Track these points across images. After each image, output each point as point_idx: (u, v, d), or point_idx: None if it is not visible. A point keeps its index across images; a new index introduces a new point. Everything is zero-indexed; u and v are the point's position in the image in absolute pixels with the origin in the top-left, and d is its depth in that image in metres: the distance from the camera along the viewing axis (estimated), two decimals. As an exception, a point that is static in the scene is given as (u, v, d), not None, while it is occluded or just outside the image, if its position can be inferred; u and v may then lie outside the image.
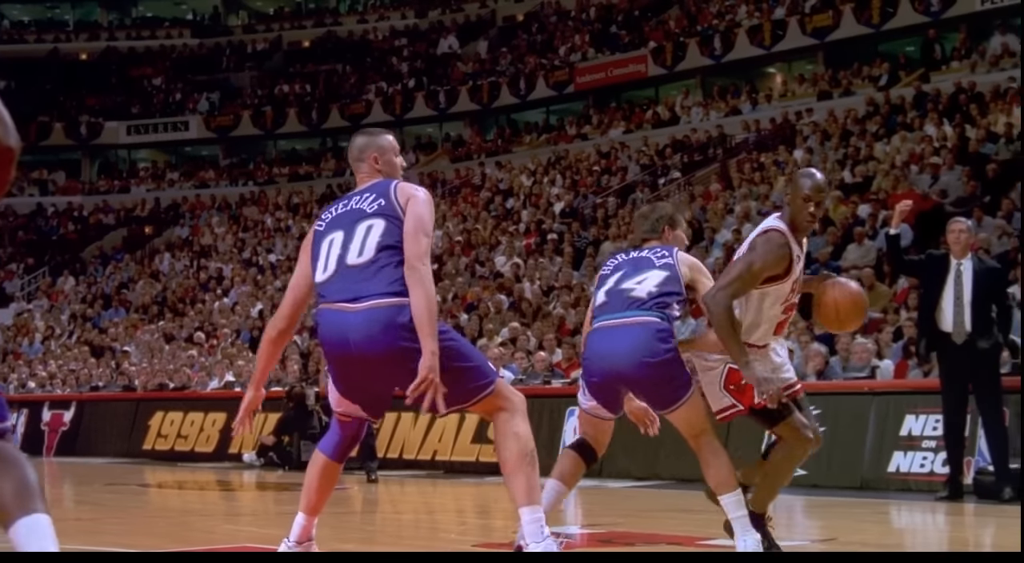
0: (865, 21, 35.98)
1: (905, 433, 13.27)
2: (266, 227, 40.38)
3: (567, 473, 7.44)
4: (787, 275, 6.97)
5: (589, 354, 7.15)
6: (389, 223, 6.21)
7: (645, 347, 6.80)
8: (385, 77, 48.50)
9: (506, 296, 25.31)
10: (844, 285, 7.27)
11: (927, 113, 27.66)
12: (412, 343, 5.99)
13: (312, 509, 6.67)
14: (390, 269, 6.10)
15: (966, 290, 11.91)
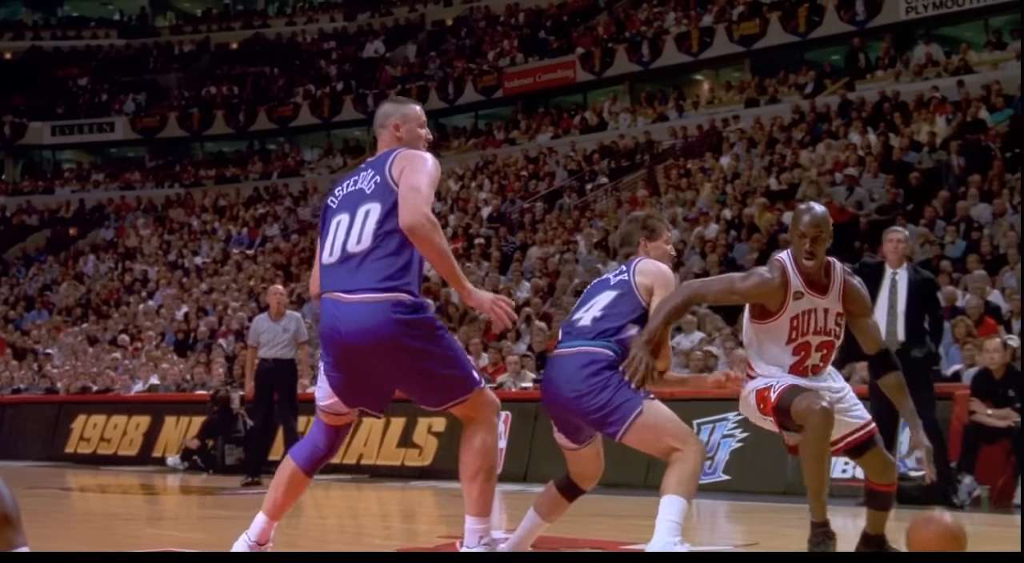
0: (792, 29, 36.24)
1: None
2: (192, 229, 40.16)
3: (545, 508, 7.25)
4: (779, 312, 6.72)
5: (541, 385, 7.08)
6: (384, 205, 6.15)
7: (573, 378, 6.62)
8: (313, 80, 48.36)
9: (432, 300, 25.28)
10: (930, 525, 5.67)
11: (852, 121, 27.90)
12: (402, 338, 6.02)
13: (275, 513, 6.59)
14: (385, 259, 6.09)
15: (900, 299, 11.95)
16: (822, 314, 6.76)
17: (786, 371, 6.75)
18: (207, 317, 29.26)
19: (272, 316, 15.77)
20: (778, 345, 6.77)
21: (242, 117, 48.30)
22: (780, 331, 6.75)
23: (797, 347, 6.75)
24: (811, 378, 6.76)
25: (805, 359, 6.77)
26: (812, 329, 6.74)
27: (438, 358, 6.12)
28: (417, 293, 6.17)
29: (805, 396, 6.56)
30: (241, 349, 22.06)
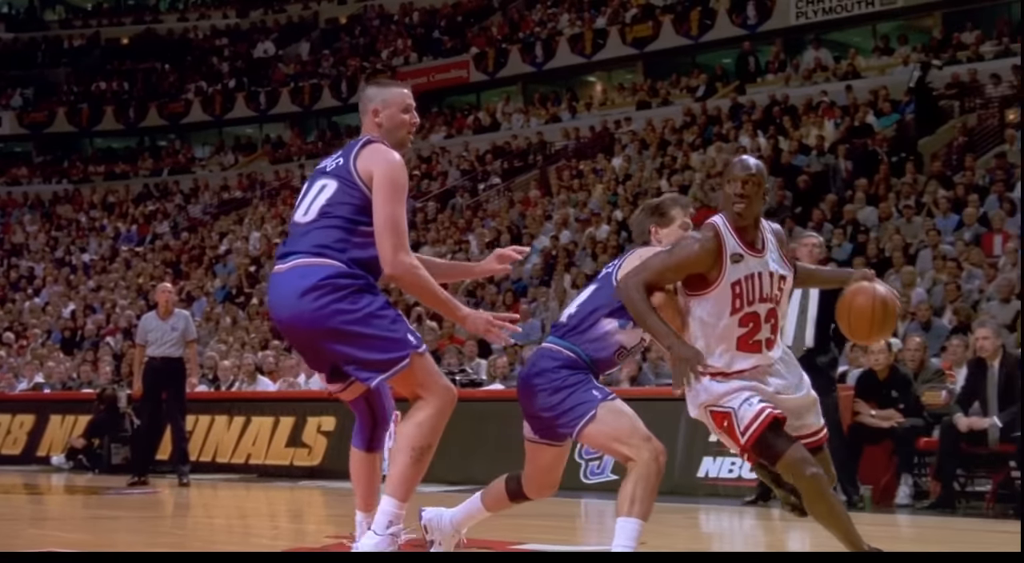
0: (684, 33, 36.50)
1: (714, 439, 13.46)
2: (80, 226, 39.71)
3: (489, 498, 7.02)
4: (718, 279, 6.06)
5: None
6: (340, 184, 6.07)
7: (531, 376, 6.49)
8: (205, 77, 47.96)
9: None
10: (867, 291, 6.29)
11: (742, 124, 28.17)
12: (313, 304, 5.86)
13: (367, 505, 6.44)
14: (324, 230, 5.98)
15: (812, 305, 12.00)
16: (767, 279, 6.12)
17: (735, 349, 6.08)
18: (95, 315, 28.95)
19: (161, 314, 15.62)
20: (722, 319, 6.08)
21: (132, 113, 47.77)
22: (722, 302, 6.08)
23: (744, 318, 6.07)
24: (764, 357, 6.13)
25: (755, 332, 6.11)
26: (758, 296, 6.10)
27: (357, 319, 5.88)
28: (352, 266, 5.95)
29: (795, 448, 6.05)
30: (129, 347, 21.85)
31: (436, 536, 7.05)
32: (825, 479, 6.04)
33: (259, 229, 33.05)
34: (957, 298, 16.95)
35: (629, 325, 6.39)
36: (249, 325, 24.94)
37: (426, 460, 6.02)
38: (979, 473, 12.72)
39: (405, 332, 5.97)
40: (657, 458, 6.25)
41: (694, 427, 13.67)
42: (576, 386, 6.36)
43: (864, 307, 6.26)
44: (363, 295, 5.93)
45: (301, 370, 18.81)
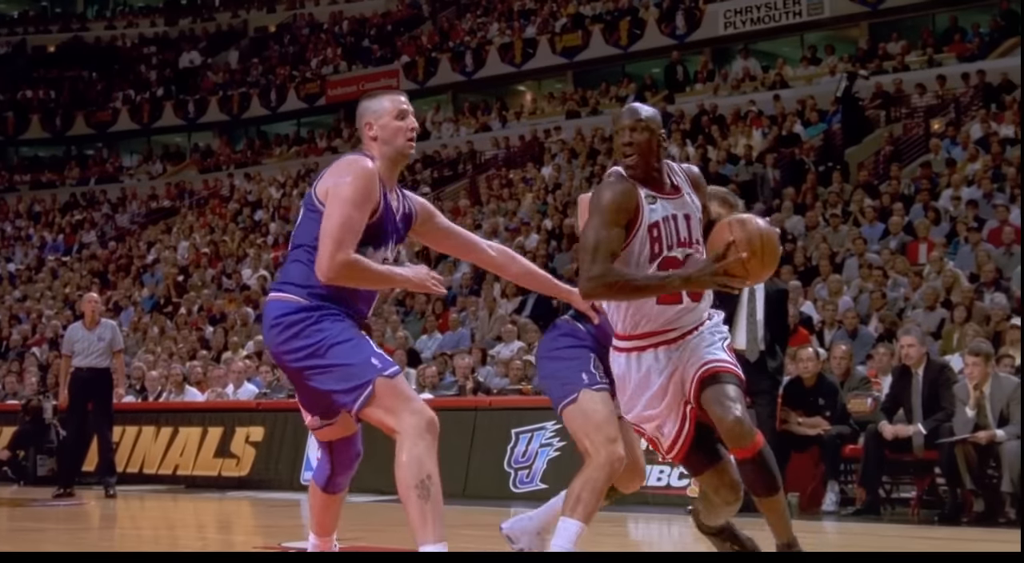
0: (613, 42, 36.64)
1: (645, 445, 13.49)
2: (6, 235, 39.33)
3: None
4: (636, 224, 5.72)
5: None
6: (305, 211, 5.87)
7: (542, 344, 6.62)
8: (133, 85, 47.67)
9: (252, 309, 25.06)
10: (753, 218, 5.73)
11: (671, 133, 28.27)
12: (275, 340, 5.76)
13: (323, 530, 6.35)
14: (291, 264, 5.84)
15: (759, 309, 12.09)
16: (683, 221, 5.77)
17: (654, 300, 5.70)
18: (20, 325, 28.66)
19: (87, 324, 15.50)
20: (641, 269, 5.68)
21: (59, 121, 47.40)
22: (640, 249, 5.73)
23: (663, 263, 5.70)
24: (686, 311, 5.77)
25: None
26: (676, 239, 5.73)
27: (312, 352, 5.68)
28: (312, 298, 5.74)
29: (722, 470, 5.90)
30: (55, 358, 21.65)
31: (523, 542, 6.88)
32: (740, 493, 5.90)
33: (187, 238, 32.86)
34: (883, 306, 17.09)
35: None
36: (177, 335, 24.78)
37: (435, 489, 5.59)
38: (904, 480, 12.85)
39: (368, 357, 5.68)
40: (611, 463, 6.15)
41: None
42: (571, 366, 6.34)
43: (771, 232, 5.68)
44: (318, 326, 5.71)
45: (229, 380, 18.73)
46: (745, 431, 5.63)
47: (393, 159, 5.94)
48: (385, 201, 5.84)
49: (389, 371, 5.64)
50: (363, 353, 5.68)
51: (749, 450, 5.63)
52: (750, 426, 5.65)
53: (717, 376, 5.76)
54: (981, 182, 20.69)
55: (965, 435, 11.49)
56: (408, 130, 5.91)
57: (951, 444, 11.51)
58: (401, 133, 5.90)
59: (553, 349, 6.46)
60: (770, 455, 5.69)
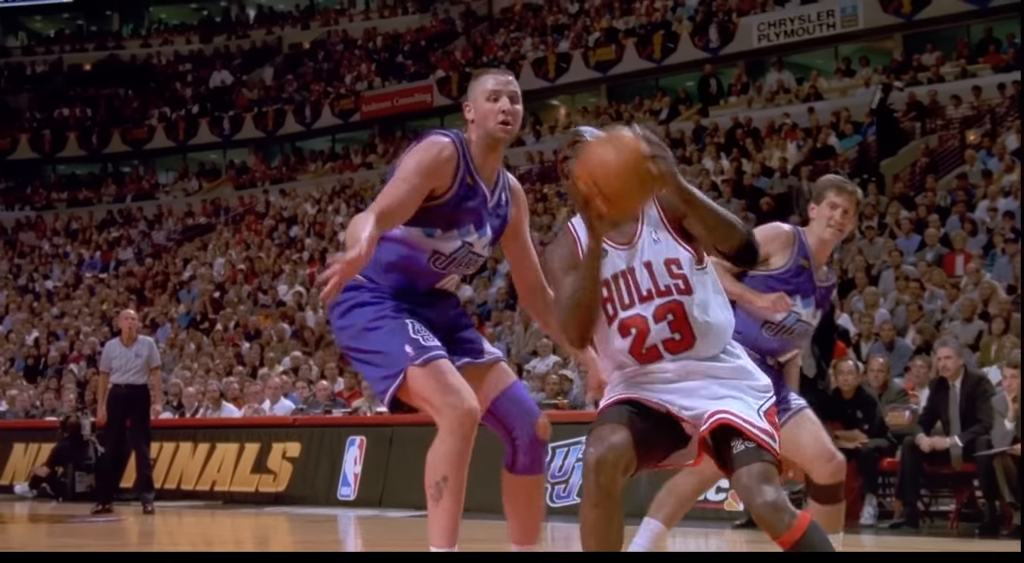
0: (647, 56, 36.62)
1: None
2: (43, 253, 39.53)
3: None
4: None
5: None
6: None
7: None
8: (168, 102, 47.89)
9: (288, 324, 25.15)
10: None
11: (706, 147, 28.26)
12: (330, 317, 5.70)
13: (517, 537, 5.91)
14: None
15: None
16: (644, 272, 4.96)
17: (628, 365, 4.98)
18: (58, 342, 28.81)
19: (124, 341, 15.55)
20: (601, 330, 5.03)
21: (95, 139, 47.65)
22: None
23: (621, 326, 4.96)
24: (673, 361, 4.95)
25: (641, 340, 4.94)
26: (636, 297, 4.96)
27: (351, 335, 5.56)
28: (368, 279, 5.58)
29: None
30: (93, 375, 21.76)
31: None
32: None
33: (223, 255, 32.98)
34: (919, 318, 17.04)
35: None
36: (214, 351, 24.86)
37: (450, 495, 5.35)
38: (942, 493, 12.79)
39: (402, 344, 5.42)
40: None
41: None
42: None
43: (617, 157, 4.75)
44: (361, 309, 5.55)
45: (265, 396, 18.77)
46: (782, 518, 4.72)
47: (486, 142, 5.62)
48: (462, 184, 5.56)
49: (423, 358, 5.39)
50: (399, 339, 5.45)
51: (787, 540, 4.71)
52: (789, 510, 4.72)
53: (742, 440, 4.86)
54: (1017, 193, 20.60)
55: (1004, 447, 11.44)
56: (499, 113, 5.57)
57: (989, 456, 11.46)
58: (492, 115, 5.58)
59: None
60: (820, 536, 4.73)
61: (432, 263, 5.63)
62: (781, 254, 7.08)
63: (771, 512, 4.70)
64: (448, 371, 5.43)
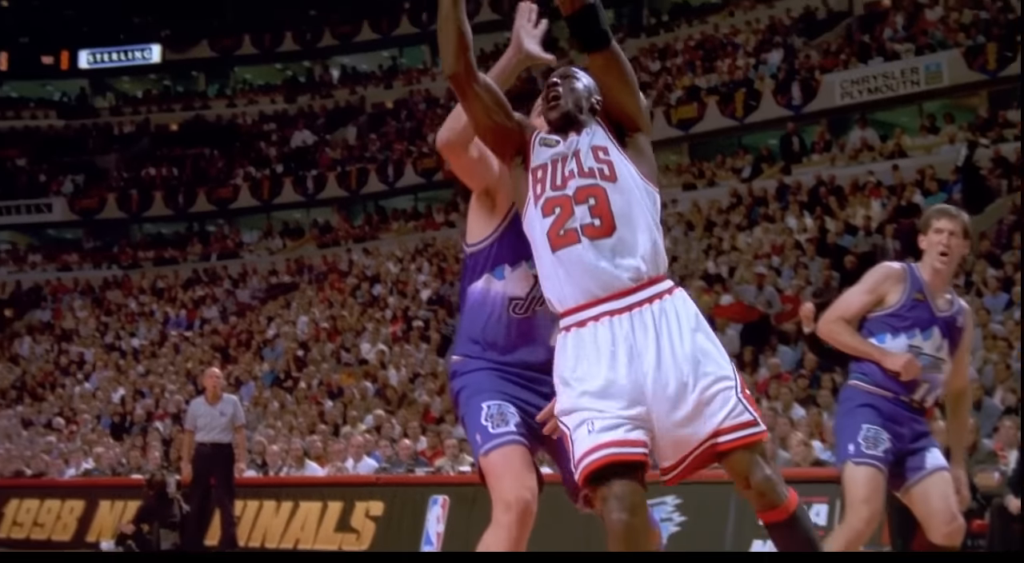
0: (729, 114, 36.57)
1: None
2: (130, 311, 39.89)
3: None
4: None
5: None
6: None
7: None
8: (253, 162, 48.35)
9: (371, 383, 25.21)
10: None
11: (789, 205, 28.13)
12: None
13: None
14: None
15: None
16: (572, 159, 5.12)
17: (550, 249, 4.99)
18: (144, 400, 29.05)
19: (209, 399, 15.67)
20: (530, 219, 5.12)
21: (181, 199, 48.17)
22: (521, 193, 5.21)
23: (546, 203, 5.06)
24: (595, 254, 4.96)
25: (561, 222, 5.00)
26: (561, 179, 5.09)
27: (457, 407, 5.52)
28: (466, 352, 5.50)
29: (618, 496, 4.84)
30: (178, 432, 21.90)
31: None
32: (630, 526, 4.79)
33: (307, 313, 33.14)
34: (1008, 378, 16.82)
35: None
36: (297, 409, 24.96)
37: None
38: (1033, 555, 12.59)
39: (475, 430, 5.36)
40: (861, 525, 6.50)
41: (743, 508, 13.59)
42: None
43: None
44: (461, 378, 5.48)
45: (348, 454, 18.81)
46: (778, 491, 4.98)
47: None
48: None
49: (485, 448, 5.31)
50: (475, 422, 5.38)
51: (782, 512, 4.98)
52: (783, 485, 4.99)
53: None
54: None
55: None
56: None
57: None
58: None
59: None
60: (807, 517, 5.08)
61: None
62: (894, 291, 7.36)
63: (772, 485, 4.94)
64: (509, 459, 5.31)
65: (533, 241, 5.10)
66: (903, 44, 33.45)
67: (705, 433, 4.91)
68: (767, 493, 4.96)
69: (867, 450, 7.08)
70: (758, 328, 21.74)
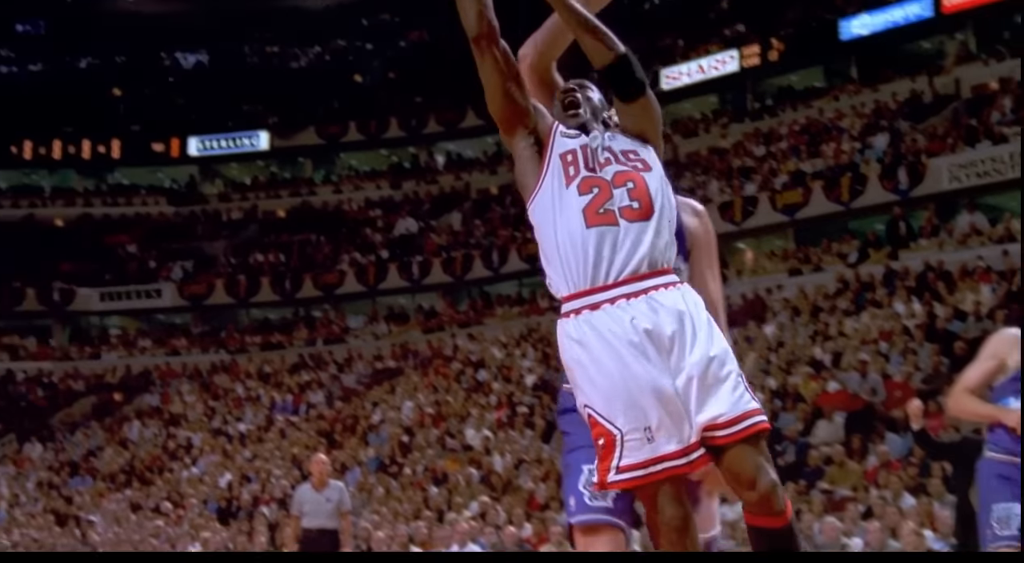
0: (834, 199, 36.36)
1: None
2: (237, 396, 40.24)
3: None
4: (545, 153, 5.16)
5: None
6: None
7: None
8: (359, 248, 48.74)
9: (476, 469, 25.19)
10: None
11: (896, 290, 27.88)
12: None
13: None
14: None
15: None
16: (603, 150, 5.10)
17: (585, 224, 4.94)
18: (250, 484, 29.22)
19: (315, 485, 15.71)
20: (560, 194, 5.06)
21: (288, 284, 48.63)
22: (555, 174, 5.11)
23: (583, 182, 5.03)
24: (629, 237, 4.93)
25: (600, 201, 4.97)
26: (597, 164, 5.06)
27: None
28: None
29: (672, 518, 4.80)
30: (284, 518, 21.97)
31: None
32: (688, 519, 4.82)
33: (412, 398, 33.23)
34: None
35: None
36: (402, 495, 24.99)
37: None
38: None
39: (568, 493, 5.26)
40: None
41: None
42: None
43: None
44: (562, 414, 5.39)
45: (453, 541, 18.77)
46: (781, 495, 4.84)
47: None
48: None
49: (577, 519, 5.21)
50: (572, 484, 5.26)
51: (781, 518, 4.84)
52: (783, 491, 4.87)
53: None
54: None
55: None
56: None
57: None
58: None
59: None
60: (798, 528, 4.94)
61: None
62: (1014, 354, 7.30)
63: (775, 490, 4.78)
64: (596, 543, 5.20)
65: (557, 220, 4.99)
66: (1011, 127, 33.12)
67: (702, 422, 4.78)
68: (772, 498, 4.81)
69: (1001, 532, 7.02)
70: (863, 416, 21.50)
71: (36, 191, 57.02)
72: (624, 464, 4.76)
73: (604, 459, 4.81)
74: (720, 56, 45.83)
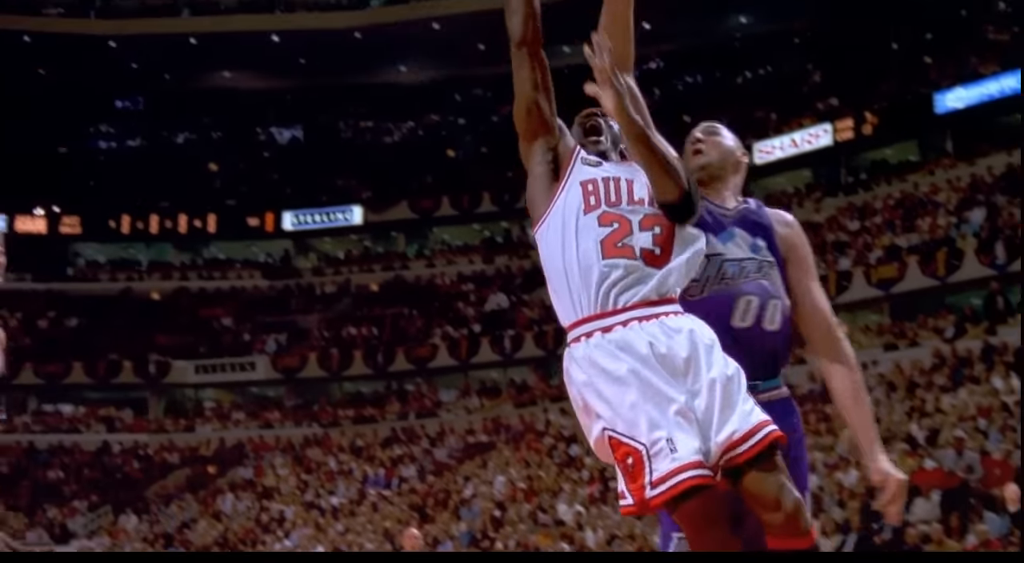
0: (930, 273, 36.07)
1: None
2: (329, 469, 40.37)
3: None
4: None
5: None
6: None
7: None
8: (451, 321, 48.88)
9: (568, 544, 25.06)
10: None
11: (994, 366, 27.55)
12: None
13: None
14: None
15: None
16: (637, 183, 5.02)
17: (601, 255, 4.86)
18: (342, 558, 29.25)
19: (408, 560, 15.71)
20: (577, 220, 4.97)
21: (380, 357, 48.82)
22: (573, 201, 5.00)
23: (603, 216, 4.93)
24: (644, 273, 4.86)
25: (619, 236, 4.89)
26: (626, 199, 4.98)
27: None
28: None
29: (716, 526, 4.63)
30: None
31: None
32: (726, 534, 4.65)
33: (504, 473, 33.18)
34: None
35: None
36: (494, 570, 24.91)
37: None
38: None
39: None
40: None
41: None
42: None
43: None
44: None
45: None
46: (806, 516, 4.72)
47: None
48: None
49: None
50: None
51: (808, 539, 4.70)
52: (807, 510, 4.76)
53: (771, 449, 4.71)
54: None
55: None
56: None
57: None
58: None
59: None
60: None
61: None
62: None
63: (801, 509, 4.66)
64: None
65: (570, 244, 4.95)
66: (1110, 202, 32.82)
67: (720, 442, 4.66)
68: (798, 518, 4.68)
69: None
70: (959, 494, 21.19)
71: (133, 265, 57.74)
72: (656, 477, 4.65)
73: (636, 478, 4.72)
74: (813, 130, 45.67)
